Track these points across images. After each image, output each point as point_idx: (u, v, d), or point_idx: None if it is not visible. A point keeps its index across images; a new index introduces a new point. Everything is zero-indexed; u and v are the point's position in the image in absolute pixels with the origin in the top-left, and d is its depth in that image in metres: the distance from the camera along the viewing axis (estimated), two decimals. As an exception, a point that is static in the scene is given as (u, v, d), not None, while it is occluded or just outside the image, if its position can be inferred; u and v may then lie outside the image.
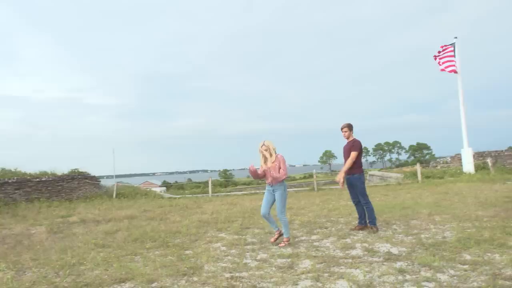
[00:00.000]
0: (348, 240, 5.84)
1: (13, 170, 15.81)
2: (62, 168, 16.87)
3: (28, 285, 4.26)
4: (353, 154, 6.53)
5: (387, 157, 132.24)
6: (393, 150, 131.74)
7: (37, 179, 15.32)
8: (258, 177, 6.02)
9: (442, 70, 18.67)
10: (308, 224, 7.47)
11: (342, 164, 6.94)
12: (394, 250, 5.06)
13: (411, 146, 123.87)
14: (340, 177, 6.60)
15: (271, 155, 5.87)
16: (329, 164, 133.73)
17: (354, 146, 6.61)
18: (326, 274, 4.19)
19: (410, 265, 4.35)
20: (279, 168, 5.78)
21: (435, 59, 19.01)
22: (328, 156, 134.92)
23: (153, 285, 4.10)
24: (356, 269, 4.34)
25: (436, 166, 23.34)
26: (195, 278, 4.26)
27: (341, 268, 4.40)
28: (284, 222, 5.85)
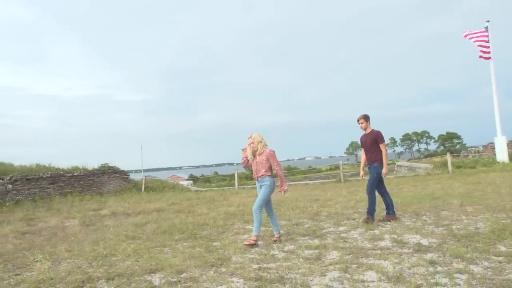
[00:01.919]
0: (376, 232, 5.76)
1: (47, 165, 16.36)
2: (92, 163, 17.36)
3: (63, 275, 4.42)
4: (384, 147, 6.55)
5: (415, 147, 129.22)
6: (421, 140, 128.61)
7: (70, 174, 15.81)
8: (245, 164, 5.84)
9: (480, 57, 17.89)
10: (335, 215, 7.42)
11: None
12: (424, 242, 4.95)
13: (440, 136, 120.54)
14: (385, 171, 6.53)
15: (257, 149, 5.61)
16: (355, 155, 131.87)
17: (379, 137, 6.55)
18: (354, 265, 4.15)
19: (441, 257, 4.25)
20: (267, 162, 5.54)
21: (466, 36, 18.11)
22: (354, 147, 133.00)
23: (182, 275, 4.17)
24: (385, 260, 4.27)
25: (468, 155, 22.62)
26: (223, 269, 4.31)
27: (370, 260, 4.35)
28: (257, 218, 5.47)
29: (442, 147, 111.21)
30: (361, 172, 6.98)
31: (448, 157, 17.21)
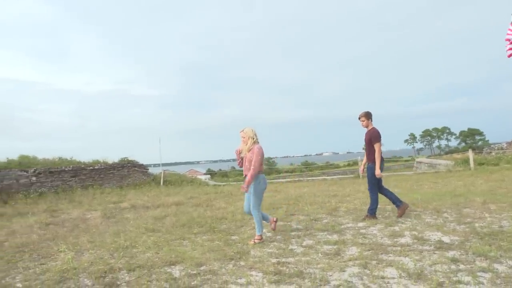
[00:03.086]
0: (396, 228, 5.69)
1: (69, 159, 16.69)
2: (112, 156, 17.59)
3: (86, 265, 4.52)
4: (378, 147, 6.36)
5: (436, 143, 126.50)
6: (442, 136, 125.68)
7: (91, 167, 16.10)
8: (241, 165, 5.60)
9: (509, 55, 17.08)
10: (354, 211, 7.36)
11: (386, 151, 6.79)
12: (446, 239, 4.86)
13: (461, 132, 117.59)
14: (378, 172, 6.38)
15: (246, 143, 5.41)
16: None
17: (374, 137, 6.40)
18: (374, 262, 4.11)
19: (463, 255, 4.17)
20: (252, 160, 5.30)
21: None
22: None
23: (202, 268, 4.22)
24: (405, 257, 4.22)
25: (491, 152, 22.07)
26: (242, 263, 4.34)
27: (390, 256, 4.30)
28: (257, 217, 5.36)
29: (463, 144, 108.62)
30: (360, 168, 6.79)
31: (470, 153, 16.83)
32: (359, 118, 6.61)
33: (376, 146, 6.36)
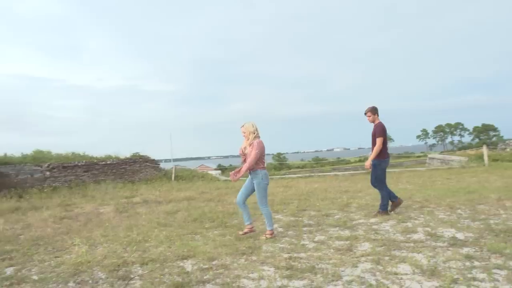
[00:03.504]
0: (409, 224, 5.64)
1: (81, 154, 16.87)
2: (124, 152, 17.73)
3: (100, 258, 4.58)
4: (379, 142, 6.30)
5: (449, 139, 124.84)
6: (455, 132, 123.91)
7: (103, 162, 16.26)
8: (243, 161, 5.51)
9: None
10: (365, 207, 7.31)
11: (398, 147, 6.77)
12: (460, 236, 4.81)
13: (475, 128, 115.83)
14: (367, 164, 6.46)
15: (248, 139, 5.35)
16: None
17: (378, 131, 6.35)
18: (386, 258, 4.08)
19: (478, 252, 4.12)
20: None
21: None
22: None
23: (214, 262, 4.24)
24: (418, 253, 4.19)
25: (505, 148, 21.71)
26: (254, 257, 4.34)
27: (403, 252, 4.27)
28: (266, 213, 5.36)
29: (477, 140, 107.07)
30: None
31: (484, 149, 16.58)
32: (365, 114, 6.58)
33: (378, 140, 6.31)
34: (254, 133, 5.32)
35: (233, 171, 5.47)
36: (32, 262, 4.72)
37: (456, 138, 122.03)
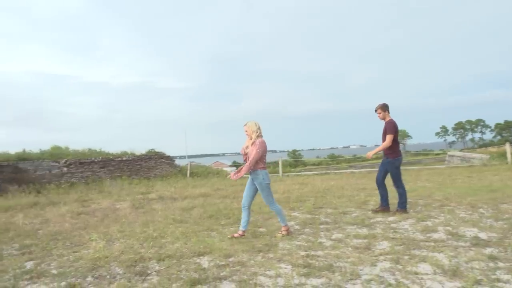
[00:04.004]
0: (429, 223, 5.51)
1: (98, 150, 17.09)
2: (139, 148, 17.87)
3: (117, 254, 4.60)
4: (389, 138, 6.18)
5: (469, 136, 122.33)
6: (475, 129, 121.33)
7: (119, 159, 16.45)
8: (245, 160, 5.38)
9: None
10: (383, 205, 7.18)
11: (416, 145, 6.65)
12: (483, 235, 4.67)
13: (497, 125, 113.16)
14: (369, 154, 6.46)
15: (251, 138, 5.24)
16: (403, 144, 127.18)
17: (388, 128, 6.22)
18: (406, 257, 3.99)
19: (502, 252, 3.99)
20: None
21: None
22: (402, 135, 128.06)
23: (231, 259, 4.21)
24: (439, 253, 4.08)
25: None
26: (271, 255, 4.30)
27: (423, 251, 4.17)
28: (276, 210, 5.28)
29: (499, 137, 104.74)
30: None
31: (508, 147, 16.13)
32: (376, 111, 6.46)
33: (388, 137, 6.19)
34: (257, 132, 5.22)
35: (233, 171, 5.38)
36: (51, 257, 4.78)
37: (477, 135, 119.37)
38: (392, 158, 6.29)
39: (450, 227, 5.19)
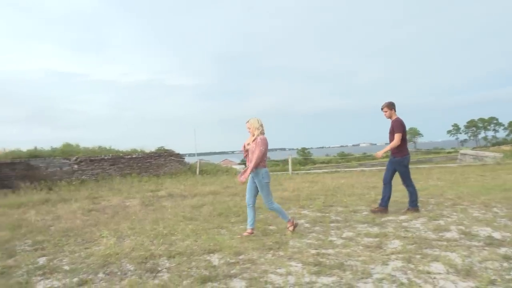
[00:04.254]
0: (441, 222, 5.44)
1: (108, 147, 17.22)
2: (149, 146, 17.96)
3: (128, 250, 4.62)
4: (397, 137, 6.08)
5: (482, 134, 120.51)
6: (488, 127, 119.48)
7: (129, 156, 16.54)
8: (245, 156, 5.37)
9: None
10: (394, 203, 7.09)
11: (427, 143, 6.54)
12: (497, 235, 4.59)
13: (511, 123, 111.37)
14: (379, 153, 6.32)
15: (253, 135, 5.21)
16: (414, 142, 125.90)
17: (395, 126, 6.13)
18: (418, 256, 3.95)
19: (517, 252, 3.92)
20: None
21: None
22: (413, 133, 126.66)
23: (241, 257, 4.20)
24: (452, 252, 4.03)
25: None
26: (281, 253, 4.28)
27: (435, 251, 4.11)
28: (276, 209, 5.28)
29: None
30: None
31: (520, 145, 15.88)
32: (382, 109, 6.38)
33: (396, 135, 6.10)
34: (259, 129, 5.20)
35: (239, 174, 5.30)
36: (63, 253, 4.83)
37: (490, 134, 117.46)
38: (400, 157, 6.22)
39: (463, 226, 5.12)
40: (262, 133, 5.23)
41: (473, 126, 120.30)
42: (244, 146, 5.34)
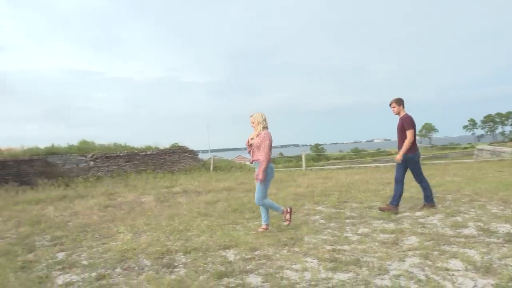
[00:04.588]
0: (459, 218, 5.37)
1: (123, 144, 17.36)
2: (163, 142, 18.03)
3: (144, 246, 4.67)
4: (410, 134, 5.96)
5: (499, 130, 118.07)
6: (506, 122, 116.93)
7: (143, 153, 16.68)
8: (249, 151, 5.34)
9: None
10: (410, 199, 7.04)
11: (443, 138, 6.41)
12: (516, 231, 4.51)
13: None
14: (399, 157, 6.07)
15: (256, 129, 5.19)
16: (429, 138, 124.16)
17: (406, 123, 6.00)
18: (436, 252, 3.90)
19: (537, 249, 3.84)
20: (261, 146, 5.06)
21: None
22: (428, 129, 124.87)
23: (256, 253, 4.21)
24: (471, 249, 3.97)
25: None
26: (297, 249, 4.28)
27: (453, 247, 4.06)
28: (267, 204, 5.20)
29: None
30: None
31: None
32: (390, 105, 6.30)
33: (408, 132, 5.99)
34: (263, 124, 5.18)
35: (256, 175, 5.19)
36: (81, 248, 4.91)
37: (508, 129, 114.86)
38: (411, 153, 6.12)
39: (481, 222, 5.04)
40: (265, 127, 5.22)
41: (490, 121, 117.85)
42: (248, 141, 5.33)
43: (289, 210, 5.29)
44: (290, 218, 5.28)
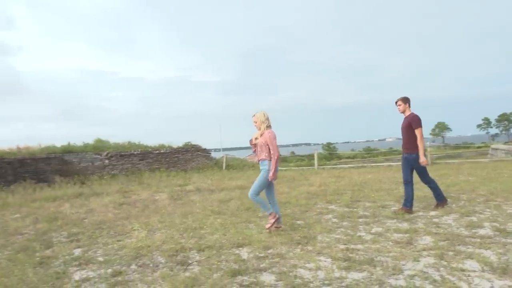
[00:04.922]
0: (474, 218, 5.31)
1: (137, 143, 17.60)
2: (176, 141, 18.21)
3: (159, 243, 4.74)
4: (419, 132, 5.85)
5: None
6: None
7: (157, 151, 16.86)
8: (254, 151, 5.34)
9: None
10: (424, 199, 6.97)
11: (456, 137, 6.31)
12: (533, 232, 4.44)
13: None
14: (422, 159, 5.87)
15: (259, 129, 5.19)
16: (442, 137, 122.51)
17: (414, 122, 5.88)
18: (451, 253, 3.87)
19: (555, 250, 3.78)
20: (266, 145, 5.05)
21: None
22: (441, 128, 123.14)
23: (270, 251, 4.23)
24: (487, 249, 3.92)
25: None
26: (310, 248, 4.29)
27: (468, 248, 4.02)
28: (257, 201, 5.19)
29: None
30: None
31: (557, 140, 15.22)
32: (396, 103, 6.21)
33: (417, 131, 5.87)
34: (265, 123, 5.17)
35: (270, 174, 5.14)
36: (97, 245, 4.99)
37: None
38: (416, 153, 6.00)
39: (497, 223, 4.97)
40: (269, 126, 5.21)
41: (505, 119, 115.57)
42: (252, 141, 5.34)
43: (277, 216, 5.20)
44: (273, 225, 5.14)
